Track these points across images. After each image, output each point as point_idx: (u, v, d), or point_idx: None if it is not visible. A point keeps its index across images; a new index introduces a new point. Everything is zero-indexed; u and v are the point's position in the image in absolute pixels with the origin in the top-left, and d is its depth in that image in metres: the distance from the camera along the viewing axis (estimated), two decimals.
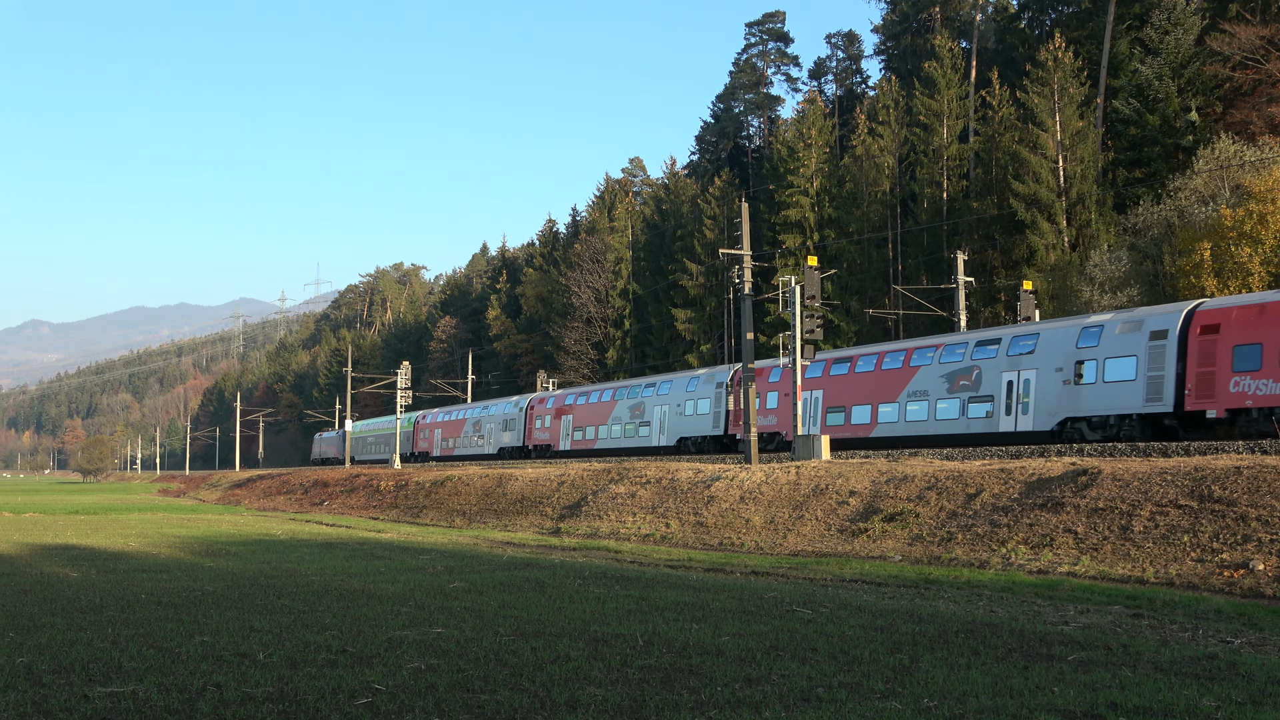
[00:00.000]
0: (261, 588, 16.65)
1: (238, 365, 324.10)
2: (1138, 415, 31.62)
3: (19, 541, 28.79)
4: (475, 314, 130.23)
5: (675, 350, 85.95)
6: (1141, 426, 31.65)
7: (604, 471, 39.59)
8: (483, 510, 42.20)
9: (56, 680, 9.49)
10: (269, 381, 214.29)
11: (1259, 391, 28.28)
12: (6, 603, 14.87)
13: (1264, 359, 28.37)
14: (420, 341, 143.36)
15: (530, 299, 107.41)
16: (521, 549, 27.32)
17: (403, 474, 56.74)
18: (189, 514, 52.43)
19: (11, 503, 64.54)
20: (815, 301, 37.89)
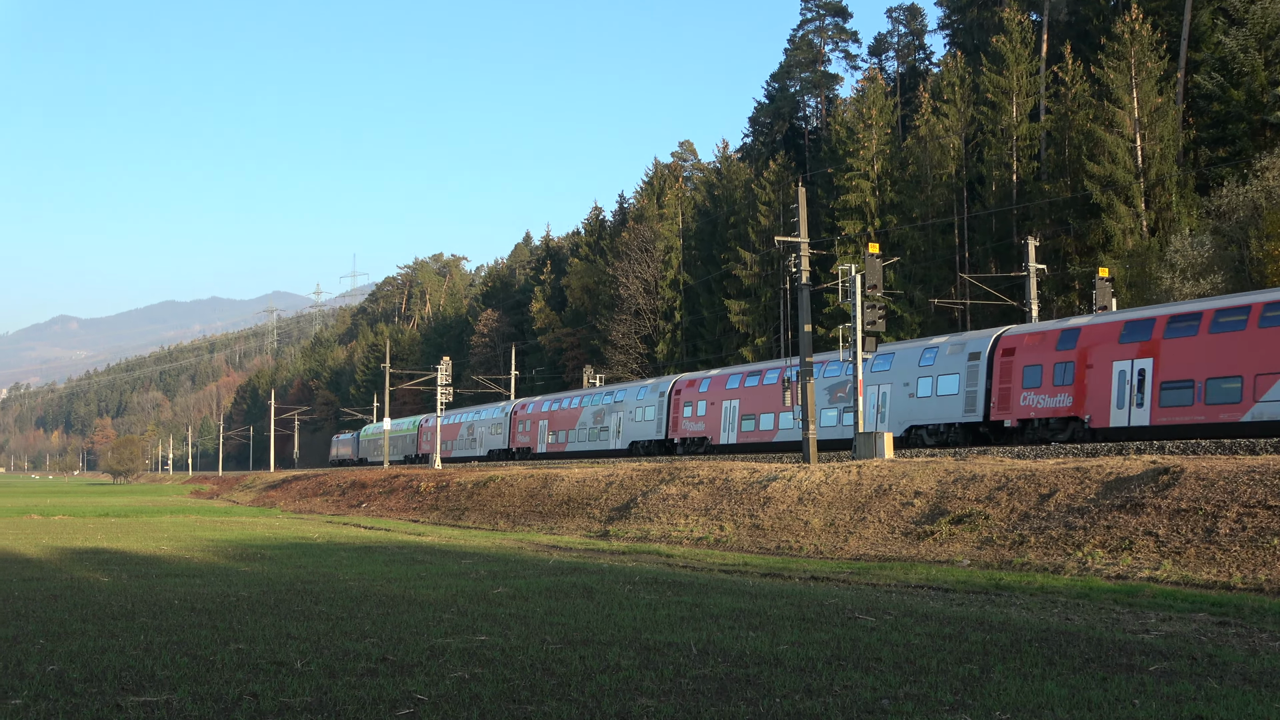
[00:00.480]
0: (298, 593, 16.80)
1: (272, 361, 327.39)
2: (960, 424, 38.69)
3: (48, 545, 29.24)
4: (518, 306, 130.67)
5: (728, 343, 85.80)
6: (963, 433, 38.51)
7: (654, 471, 39.62)
8: (527, 512, 42.36)
9: (88, 689, 9.62)
10: (304, 378, 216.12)
11: (1040, 404, 35.69)
12: (36, 609, 15.10)
13: (1043, 378, 35.64)
14: (461, 335, 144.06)
15: (576, 290, 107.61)
16: (568, 553, 27.39)
17: (443, 474, 57.08)
18: (222, 516, 53.02)
19: (40, 505, 65.55)
20: (877, 291, 37.70)
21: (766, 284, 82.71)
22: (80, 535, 34.39)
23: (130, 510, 58.31)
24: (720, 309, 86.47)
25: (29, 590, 17.56)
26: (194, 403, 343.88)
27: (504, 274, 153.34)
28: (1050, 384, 35.66)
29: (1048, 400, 35.73)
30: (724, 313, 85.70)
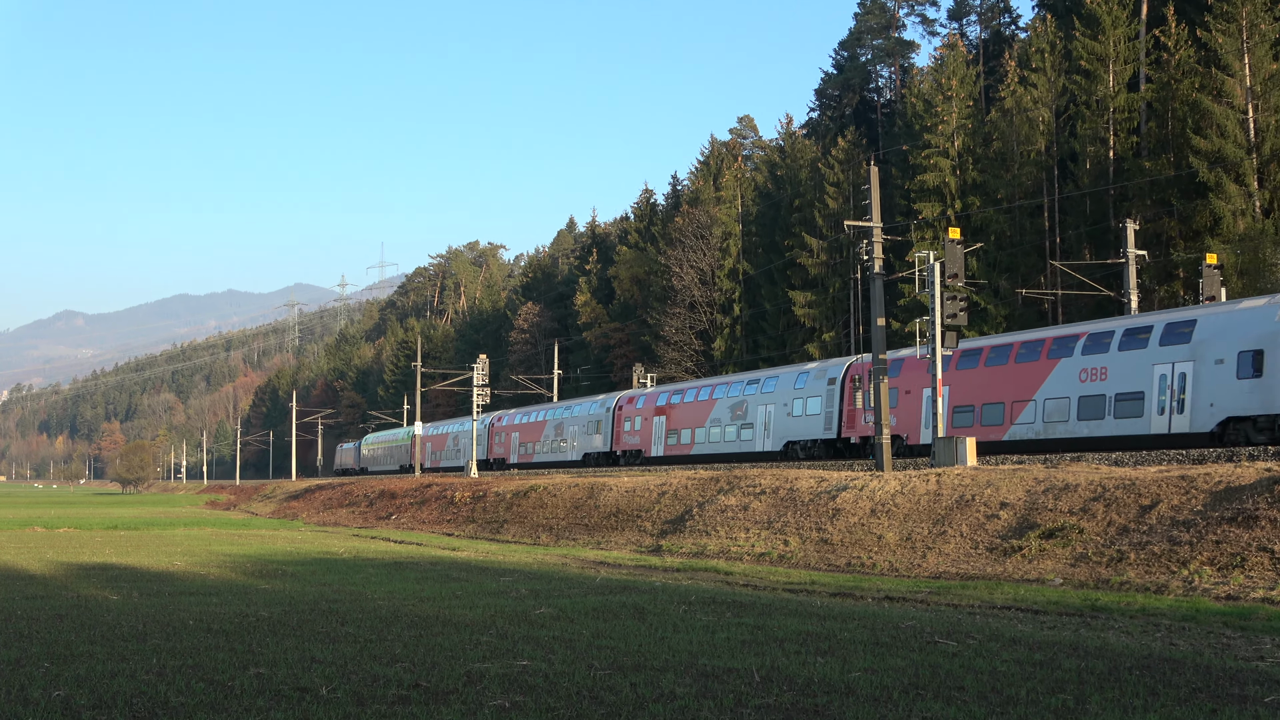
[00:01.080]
0: (323, 613, 16.93)
1: (293, 360, 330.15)
2: (821, 440, 49.59)
3: (53, 560, 29.63)
4: (561, 299, 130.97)
5: (792, 339, 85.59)
6: (825, 448, 49.56)
7: (710, 481, 39.60)
8: (572, 525, 42.48)
9: (97, 717, 9.74)
10: (328, 378, 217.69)
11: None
12: (41, 629, 15.31)
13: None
14: (499, 331, 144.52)
15: (624, 281, 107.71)
16: (617, 570, 27.43)
17: (480, 484, 57.34)
18: (240, 529, 53.51)
19: (44, 517, 66.42)
20: (958, 281, 37.48)
21: (835, 273, 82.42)
22: (87, 549, 34.83)
23: (140, 522, 58.98)
24: (784, 301, 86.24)
25: (33, 609, 17.80)
26: (209, 405, 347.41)
27: (545, 264, 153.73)
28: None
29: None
30: (788, 305, 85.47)
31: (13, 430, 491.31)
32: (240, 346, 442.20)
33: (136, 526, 54.54)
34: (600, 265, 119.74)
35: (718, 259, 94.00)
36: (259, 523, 64.17)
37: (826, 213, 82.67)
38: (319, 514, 70.33)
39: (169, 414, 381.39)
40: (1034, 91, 70.90)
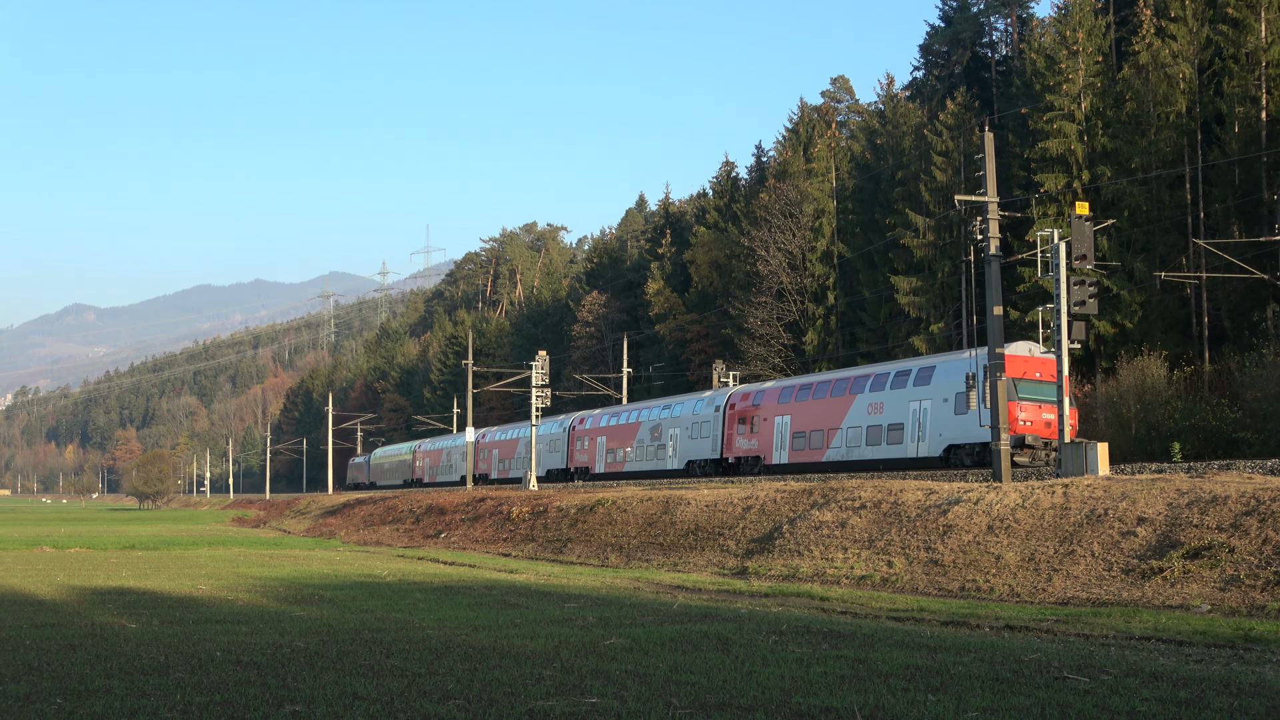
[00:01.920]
0: (365, 644, 17.06)
1: (328, 358, 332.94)
2: (710, 460, 64.94)
3: (64, 584, 30.07)
4: (631, 288, 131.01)
5: (895, 331, 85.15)
6: (714, 466, 64.59)
7: (803, 493, 39.53)
8: (644, 544, 42.54)
9: None
10: (368, 378, 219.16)
11: (741, 447, 61.73)
12: (51, 661, 15.53)
13: (744, 427, 61.30)
14: (560, 324, 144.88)
15: (703, 267, 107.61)
16: (697, 594, 27.44)
17: (540, 498, 57.55)
18: (271, 549, 54.05)
19: (53, 535, 67.46)
20: (1086, 263, 37.13)
21: (944, 256, 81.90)
22: (101, 572, 35.32)
23: (160, 541, 59.74)
24: (885, 287, 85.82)
25: (43, 639, 18.07)
26: (234, 409, 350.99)
27: (613, 247, 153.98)
28: (749, 432, 61.66)
29: (745, 444, 61.86)
30: (890, 292, 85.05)
31: (17, 438, 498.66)
32: (269, 343, 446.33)
33: (155, 546, 55.27)
34: (675, 248, 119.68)
35: (809, 240, 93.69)
36: (292, 542, 64.78)
37: (934, 186, 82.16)
38: (359, 532, 70.93)
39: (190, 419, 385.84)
40: (1173, 44, 70.07)
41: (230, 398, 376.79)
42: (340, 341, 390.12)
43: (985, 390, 42.01)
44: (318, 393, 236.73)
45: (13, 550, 51.38)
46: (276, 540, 66.19)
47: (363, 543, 63.78)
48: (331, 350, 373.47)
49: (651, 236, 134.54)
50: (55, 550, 51.84)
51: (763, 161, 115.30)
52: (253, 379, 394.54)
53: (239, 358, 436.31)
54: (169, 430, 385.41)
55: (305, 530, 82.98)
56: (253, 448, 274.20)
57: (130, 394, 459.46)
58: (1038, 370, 47.19)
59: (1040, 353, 47.30)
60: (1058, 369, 37.58)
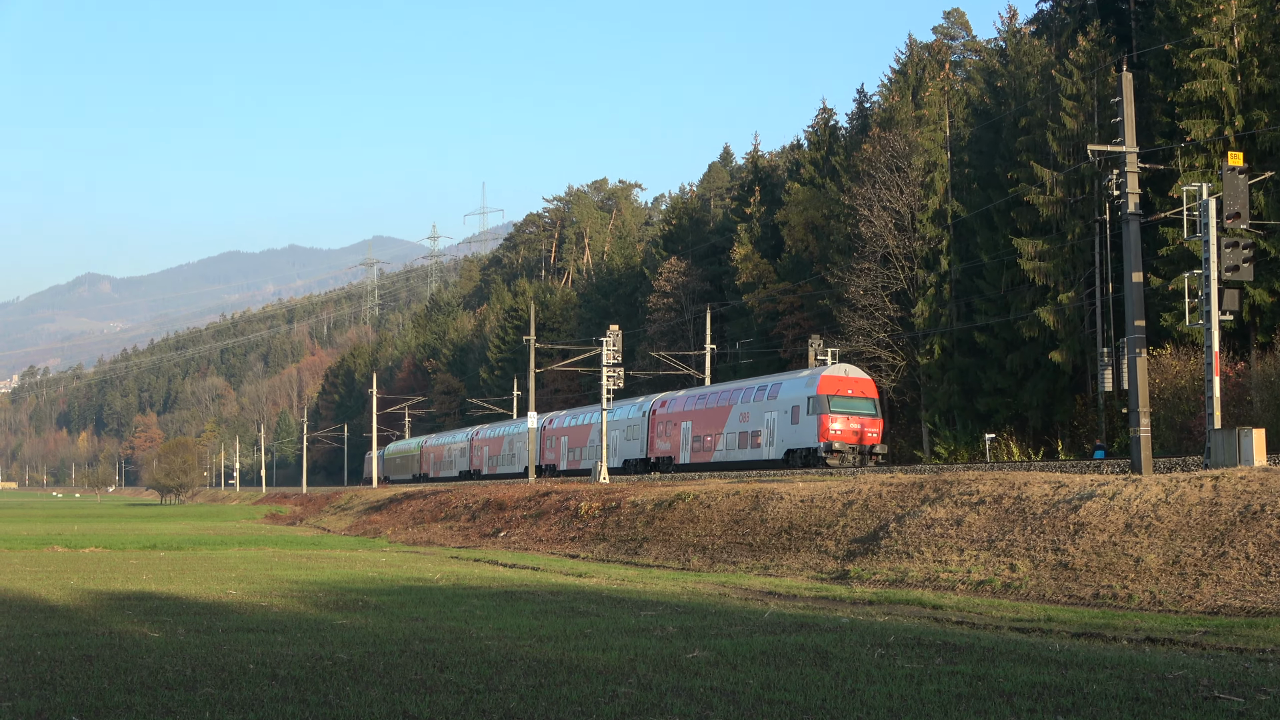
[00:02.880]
0: (416, 656, 17.16)
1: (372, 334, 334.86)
2: (638, 459, 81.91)
3: (78, 588, 30.44)
4: (715, 253, 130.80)
5: (1018, 301, 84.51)
6: (641, 466, 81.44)
7: (912, 487, 39.39)
8: (731, 544, 42.56)
9: None
10: (417, 356, 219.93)
11: (661, 448, 79.82)
12: (66, 674, 15.72)
13: (663, 431, 79.30)
14: (634, 295, 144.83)
15: (797, 229, 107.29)
16: (791, 601, 27.44)
17: (612, 492, 57.68)
18: (309, 549, 54.51)
19: (66, 533, 68.32)
20: (1240, 222, 36.72)
21: (1074, 215, 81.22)
22: (120, 574, 35.72)
23: (185, 540, 60.39)
24: (1007, 251, 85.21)
25: (55, 649, 18.30)
26: (267, 392, 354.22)
27: (693, 207, 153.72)
28: (665, 435, 79.13)
29: (664, 445, 79.12)
30: (1012, 257, 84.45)
31: (25, 425, 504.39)
32: (306, 317, 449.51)
33: (180, 546, 55.86)
34: (765, 208, 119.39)
35: (919, 198, 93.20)
36: (332, 541, 65.31)
37: (1063, 135, 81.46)
38: (408, 530, 71.41)
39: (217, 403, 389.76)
40: None
41: (262, 379, 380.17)
42: (385, 315, 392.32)
43: (1126, 365, 41.73)
44: (360, 373, 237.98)
45: (21, 550, 52.08)
46: (315, 539, 66.76)
47: (412, 542, 64.21)
48: (375, 325, 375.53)
49: (738, 195, 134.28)
50: (68, 550, 52.50)
51: (865, 108, 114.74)
52: (287, 357, 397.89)
53: (271, 333, 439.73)
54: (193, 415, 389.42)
55: (347, 528, 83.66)
56: (287, 435, 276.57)
57: (150, 374, 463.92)
58: (849, 388, 69.20)
59: (854, 374, 70.91)
60: (1206, 344, 37.15)
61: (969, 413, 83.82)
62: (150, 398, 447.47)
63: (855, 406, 68.37)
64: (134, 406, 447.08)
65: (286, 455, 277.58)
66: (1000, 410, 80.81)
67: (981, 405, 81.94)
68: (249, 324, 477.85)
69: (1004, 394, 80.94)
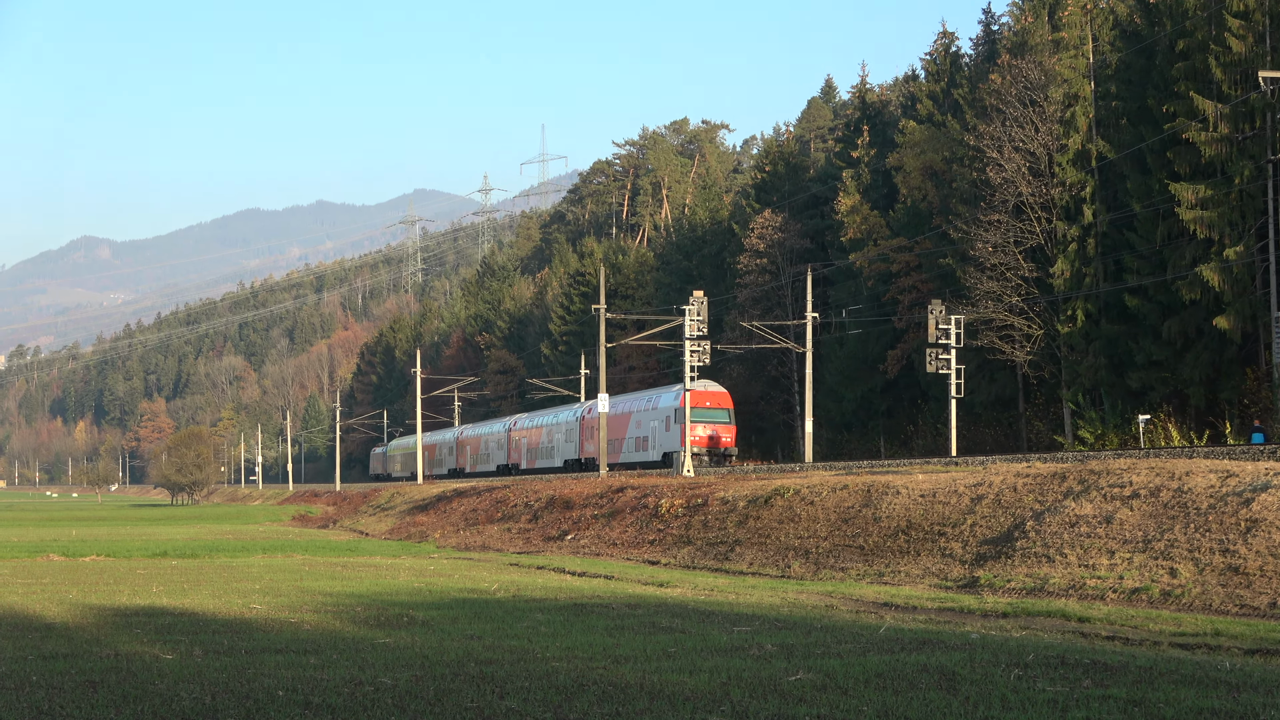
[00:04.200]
0: (472, 680, 17.23)
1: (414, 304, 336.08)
2: (572, 459, 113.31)
3: (78, 603, 30.73)
4: (816, 205, 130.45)
5: (1176, 258, 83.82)
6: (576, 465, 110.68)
7: (1052, 478, 39.21)
8: (838, 547, 42.52)
9: None
10: (467, 330, 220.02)
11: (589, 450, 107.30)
12: (67, 703, 15.87)
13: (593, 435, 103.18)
14: (721, 255, 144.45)
15: (913, 175, 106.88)
16: (911, 614, 27.39)
17: (698, 486, 57.66)
18: (345, 556, 54.85)
19: (63, 539, 68.95)
20: None
21: (1242, 155, 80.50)
22: (126, 587, 36.04)
23: (200, 547, 60.83)
24: (1162, 199, 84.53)
25: (53, 674, 18.48)
26: (293, 373, 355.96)
27: (790, 151, 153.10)
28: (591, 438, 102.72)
29: (590, 447, 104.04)
30: (1169, 205, 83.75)
31: (13, 414, 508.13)
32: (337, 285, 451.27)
33: (195, 553, 56.28)
34: (875, 152, 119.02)
35: (1057, 136, 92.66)
36: (372, 546, 65.65)
37: (1228, 60, 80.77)
38: (459, 533, 71.70)
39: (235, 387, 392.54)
40: None
41: (287, 357, 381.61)
42: (430, 282, 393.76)
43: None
44: (401, 350, 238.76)
45: (12, 559, 52.60)
46: (351, 544, 67.12)
47: (464, 547, 64.50)
48: (418, 293, 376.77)
49: (843, 136, 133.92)
50: (65, 559, 52.96)
51: (993, 32, 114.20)
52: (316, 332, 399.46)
53: (297, 305, 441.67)
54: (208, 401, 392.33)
55: (388, 531, 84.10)
56: (317, 423, 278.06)
57: (157, 354, 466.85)
58: (707, 400, 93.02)
59: (713, 388, 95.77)
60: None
61: (1119, 390, 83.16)
62: (158, 381, 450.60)
63: (712, 416, 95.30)
64: (139, 391, 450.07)
65: (316, 446, 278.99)
66: (1156, 387, 79.99)
67: (1134, 381, 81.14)
68: (271, 294, 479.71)
69: (1160, 367, 79.91)
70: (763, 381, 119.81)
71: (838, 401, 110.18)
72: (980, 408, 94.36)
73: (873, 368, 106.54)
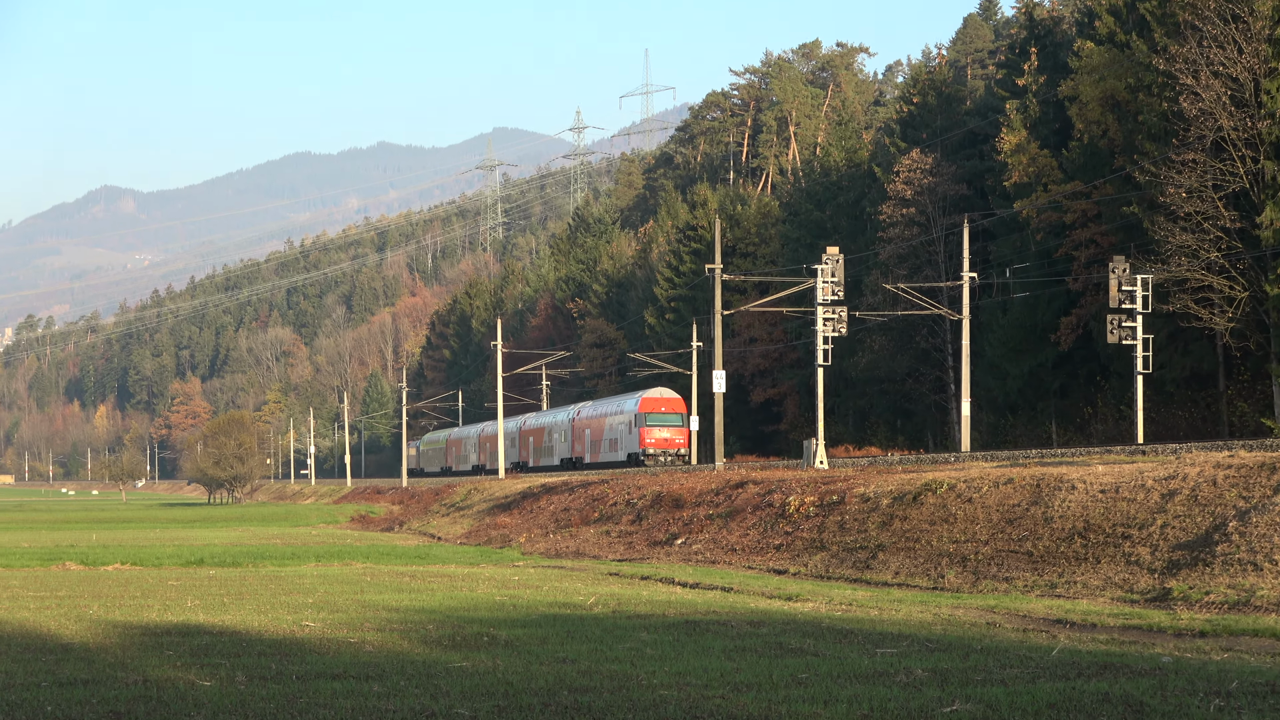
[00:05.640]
0: (565, 711, 17.30)
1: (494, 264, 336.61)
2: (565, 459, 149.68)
3: (100, 620, 31.00)
4: (974, 144, 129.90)
5: None
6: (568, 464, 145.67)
7: (1260, 470, 38.88)
8: (1001, 552, 42.38)
9: None
10: (557, 296, 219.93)
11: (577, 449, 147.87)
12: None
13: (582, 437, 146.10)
14: (860, 205, 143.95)
15: (1091, 107, 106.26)
16: (1089, 633, 27.29)
17: (832, 480, 57.48)
18: (414, 564, 55.12)
19: (81, 545, 69.64)
20: None
21: None
22: (156, 601, 36.35)
23: (243, 554, 61.29)
24: None
25: (72, 704, 18.68)
26: (351, 348, 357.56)
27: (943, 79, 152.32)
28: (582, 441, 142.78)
29: (580, 448, 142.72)
30: None
31: (23, 396, 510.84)
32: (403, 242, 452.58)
33: (236, 561, 56.71)
34: (1045, 79, 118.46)
35: (1265, 59, 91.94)
36: (444, 552, 65.91)
37: None
38: (549, 537, 71.88)
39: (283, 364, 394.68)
40: None
41: (344, 328, 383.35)
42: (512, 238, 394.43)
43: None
44: (479, 319, 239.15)
45: (23, 569, 53.15)
46: (421, 550, 67.45)
47: (555, 553, 64.66)
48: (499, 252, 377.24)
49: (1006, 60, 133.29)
50: (85, 568, 53.47)
51: None
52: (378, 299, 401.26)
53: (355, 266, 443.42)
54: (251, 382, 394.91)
55: (464, 534, 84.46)
56: (380, 406, 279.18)
57: (191, 325, 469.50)
58: (663, 406, 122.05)
59: (667, 395, 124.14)
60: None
61: None
62: (191, 358, 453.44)
63: (667, 421, 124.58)
64: (169, 370, 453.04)
65: (379, 434, 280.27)
66: None
67: None
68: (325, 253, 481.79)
69: None
70: (910, 355, 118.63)
71: (1000, 379, 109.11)
72: (1172, 385, 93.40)
73: (1042, 338, 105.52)
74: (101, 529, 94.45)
